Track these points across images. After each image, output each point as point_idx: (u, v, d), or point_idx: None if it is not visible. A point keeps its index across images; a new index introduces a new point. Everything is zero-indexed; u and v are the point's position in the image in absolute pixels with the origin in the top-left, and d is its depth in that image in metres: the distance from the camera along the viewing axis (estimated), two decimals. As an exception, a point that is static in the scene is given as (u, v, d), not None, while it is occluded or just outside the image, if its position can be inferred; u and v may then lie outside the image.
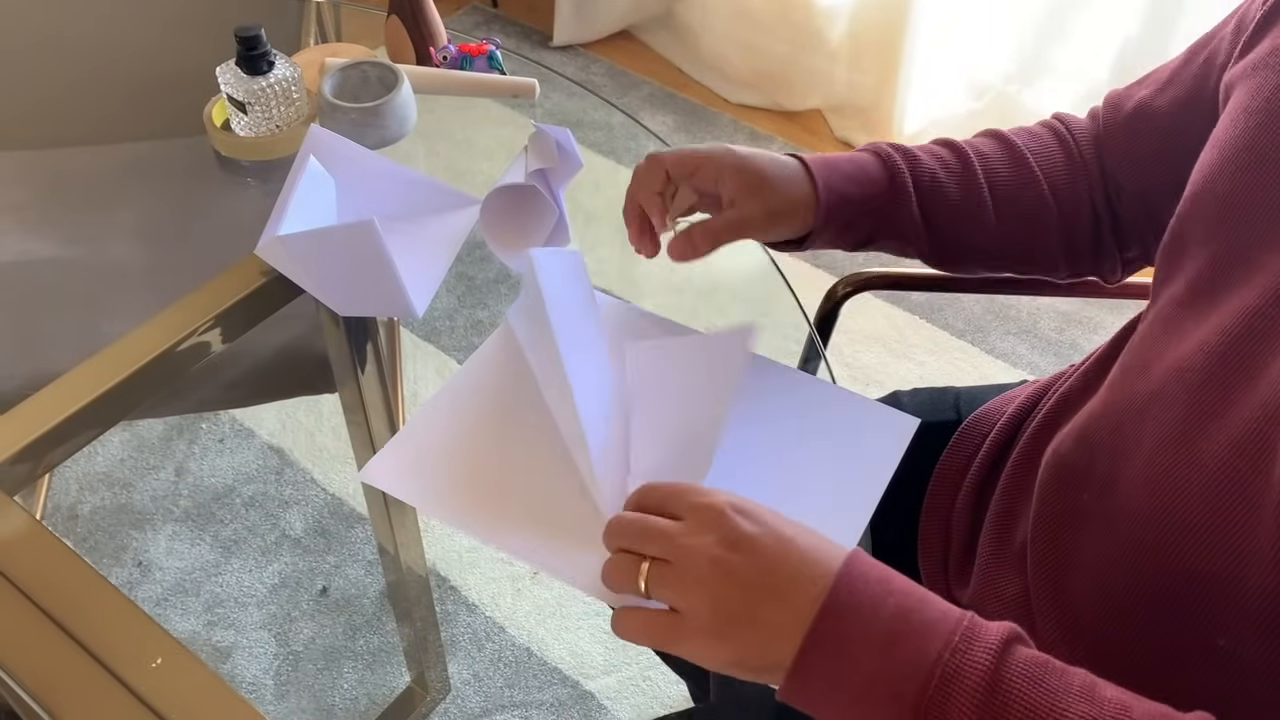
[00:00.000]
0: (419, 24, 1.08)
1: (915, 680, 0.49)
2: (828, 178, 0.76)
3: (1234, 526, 0.54)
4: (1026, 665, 0.49)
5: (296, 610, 1.44)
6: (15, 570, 0.64)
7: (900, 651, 0.49)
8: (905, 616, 0.50)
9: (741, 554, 0.53)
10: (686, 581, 0.53)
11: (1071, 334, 1.93)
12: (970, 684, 0.48)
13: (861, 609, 0.51)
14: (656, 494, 0.58)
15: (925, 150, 0.79)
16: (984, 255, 0.81)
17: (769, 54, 2.34)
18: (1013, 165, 0.79)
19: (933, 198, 0.77)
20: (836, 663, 0.50)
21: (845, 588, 0.51)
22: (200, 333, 0.83)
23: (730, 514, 0.54)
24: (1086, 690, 0.49)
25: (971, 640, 0.49)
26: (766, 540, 0.53)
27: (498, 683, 1.38)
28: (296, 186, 0.85)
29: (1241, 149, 0.60)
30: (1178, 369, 0.59)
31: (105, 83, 1.21)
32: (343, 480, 1.59)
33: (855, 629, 0.50)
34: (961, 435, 0.85)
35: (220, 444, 1.63)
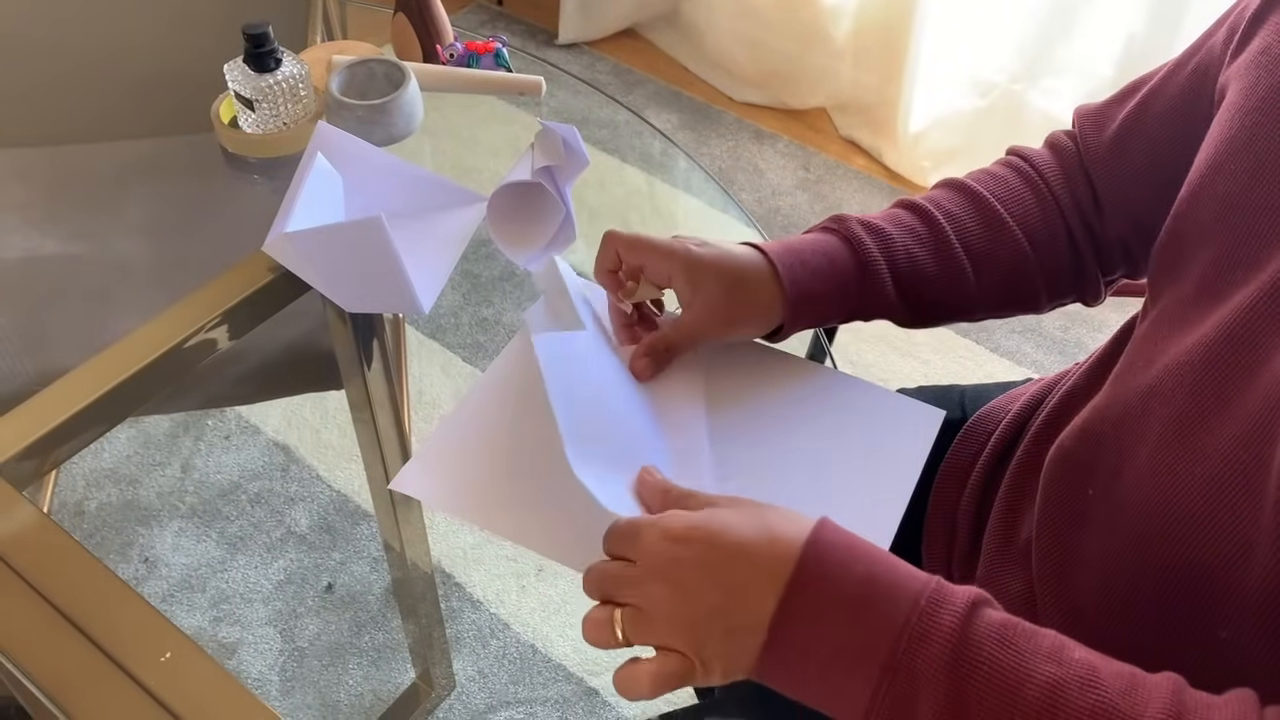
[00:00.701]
0: (426, 21, 1.08)
1: (884, 642, 0.50)
2: (795, 276, 0.72)
3: (1236, 519, 0.54)
4: (994, 626, 0.50)
5: (302, 606, 1.44)
6: (25, 565, 0.64)
7: (868, 615, 0.50)
8: (872, 581, 0.51)
9: (696, 584, 0.53)
10: (657, 623, 0.54)
11: (1076, 332, 1.92)
12: (938, 644, 0.49)
13: (828, 578, 0.52)
14: (610, 536, 0.58)
15: (894, 224, 0.76)
16: (966, 313, 0.79)
17: (774, 52, 2.34)
18: (983, 222, 0.76)
19: (911, 278, 0.75)
20: (806, 633, 0.51)
21: (811, 560, 0.52)
22: (207, 329, 0.83)
23: (675, 548, 0.54)
24: (1054, 651, 0.49)
25: (939, 603, 0.50)
26: (715, 560, 0.53)
27: (503, 679, 1.38)
28: (304, 183, 0.85)
29: (1239, 147, 0.60)
30: (1179, 364, 0.60)
31: (113, 80, 1.21)
32: (348, 477, 1.59)
33: (823, 599, 0.51)
34: (966, 433, 0.85)
35: (226, 440, 1.63)
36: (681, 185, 1.23)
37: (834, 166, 2.25)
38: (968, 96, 2.19)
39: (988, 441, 0.82)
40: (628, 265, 0.74)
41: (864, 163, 2.27)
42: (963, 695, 0.48)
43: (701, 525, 0.55)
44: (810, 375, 0.80)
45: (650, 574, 0.54)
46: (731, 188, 2.16)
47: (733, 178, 2.18)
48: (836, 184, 2.21)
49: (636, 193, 1.27)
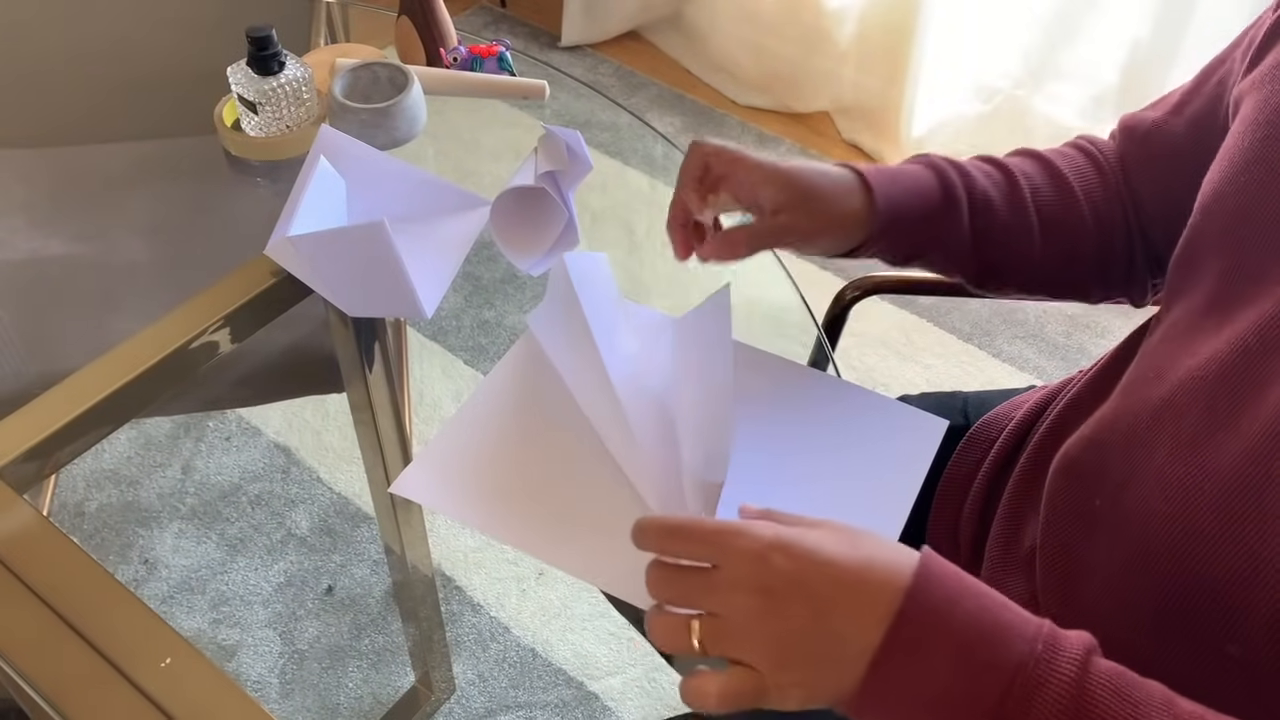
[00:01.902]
0: (429, 25, 1.08)
1: (995, 688, 0.47)
2: (886, 190, 0.74)
3: (1247, 534, 0.54)
4: (1108, 676, 0.48)
5: (302, 609, 1.44)
6: (25, 569, 0.64)
7: (979, 656, 0.48)
8: (981, 620, 0.49)
9: (788, 599, 0.50)
10: (740, 635, 0.51)
11: (1078, 338, 1.92)
12: (1054, 694, 0.47)
13: (938, 613, 0.49)
14: (687, 537, 0.53)
15: (975, 167, 0.78)
16: (1025, 276, 0.80)
17: (777, 55, 2.34)
18: (1055, 186, 0.78)
19: (985, 216, 0.76)
20: (910, 672, 0.48)
21: (920, 592, 0.49)
22: (209, 332, 0.83)
23: (769, 557, 0.51)
24: (1167, 703, 0.48)
25: (1054, 649, 0.48)
26: (810, 577, 0.50)
27: (502, 683, 1.38)
28: (306, 187, 0.85)
29: (1251, 161, 0.60)
30: (1191, 378, 0.59)
31: (116, 82, 1.21)
32: (349, 479, 1.59)
33: (931, 637, 0.48)
34: (969, 440, 0.85)
35: (227, 442, 1.63)
36: (684, 189, 1.22)
37: (836, 170, 2.25)
38: (971, 101, 2.19)
39: (990, 449, 0.82)
40: (713, 174, 0.74)
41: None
42: None
43: (797, 541, 0.51)
44: (812, 383, 0.80)
45: (739, 583, 0.51)
46: (734, 191, 2.15)
47: (735, 181, 2.18)
48: (839, 188, 2.21)
49: (639, 196, 1.26)
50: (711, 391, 0.71)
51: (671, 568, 0.54)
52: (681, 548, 0.54)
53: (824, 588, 0.50)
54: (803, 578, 0.50)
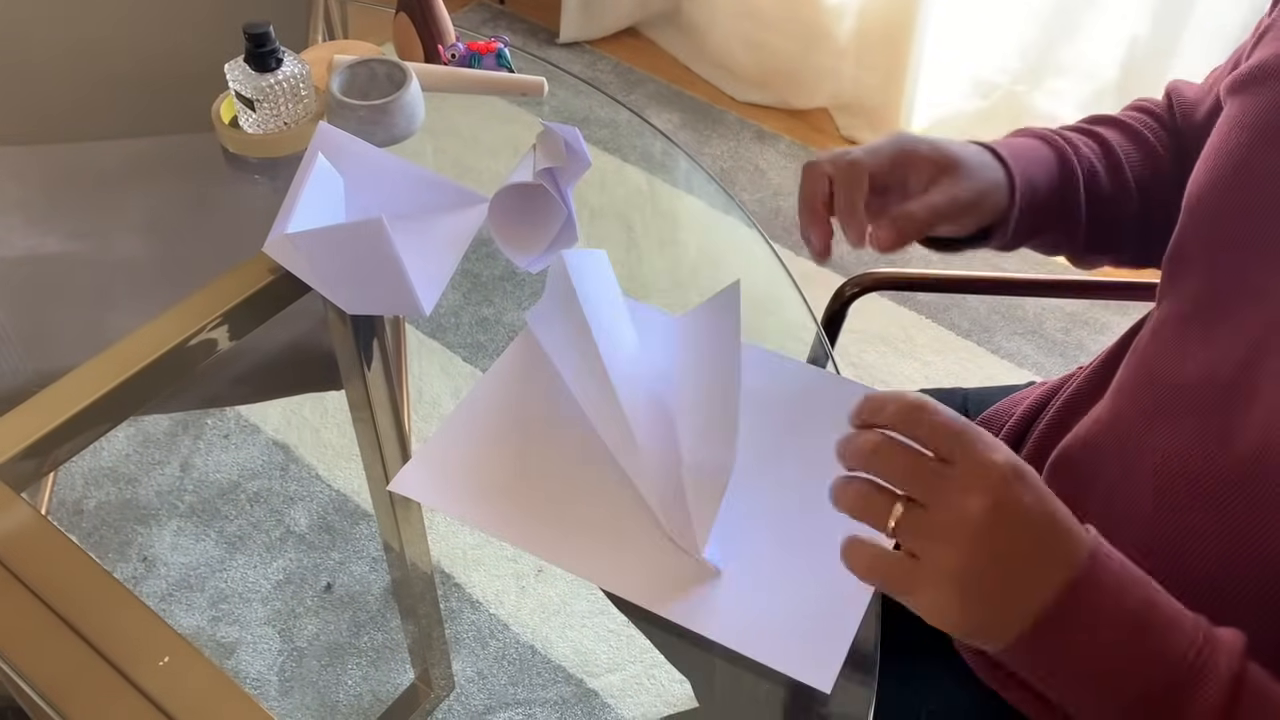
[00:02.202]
0: (427, 21, 1.07)
1: (1160, 672, 0.49)
2: (1021, 166, 0.73)
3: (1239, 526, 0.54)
4: (1259, 679, 0.50)
5: (301, 606, 1.44)
6: (22, 567, 0.64)
7: (1148, 641, 0.49)
8: (1154, 609, 0.50)
9: (1008, 525, 0.49)
10: (942, 535, 0.50)
11: (1078, 334, 1.92)
12: (1214, 687, 0.48)
13: (1114, 590, 0.50)
14: (922, 419, 0.51)
15: (1076, 137, 0.78)
16: (1131, 245, 0.80)
17: (776, 52, 2.34)
18: (1140, 150, 0.78)
19: (1093, 187, 0.76)
20: (1076, 637, 0.49)
21: (1100, 559, 0.50)
22: (208, 330, 0.83)
23: (1012, 480, 0.50)
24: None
25: (1214, 646, 0.50)
26: (1036, 515, 0.50)
27: (501, 680, 1.38)
28: (304, 184, 0.85)
29: (1234, 166, 0.60)
30: (1180, 387, 0.60)
31: (113, 78, 1.21)
32: (348, 477, 1.59)
33: (1106, 607, 0.49)
34: (968, 438, 0.85)
35: (225, 440, 1.63)
36: (683, 185, 1.22)
37: (835, 167, 2.25)
38: (970, 97, 2.19)
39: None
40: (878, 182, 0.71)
41: (865, 163, 2.26)
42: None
43: (1036, 479, 0.51)
44: (810, 379, 0.80)
45: (971, 487, 0.49)
46: (733, 188, 2.15)
47: (734, 178, 2.18)
48: (838, 185, 2.20)
49: (637, 193, 1.26)
50: (718, 388, 0.71)
51: (900, 444, 0.52)
52: (925, 432, 0.51)
53: (1041, 527, 0.50)
54: (1030, 513, 0.50)
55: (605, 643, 1.41)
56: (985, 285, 1.35)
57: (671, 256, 1.06)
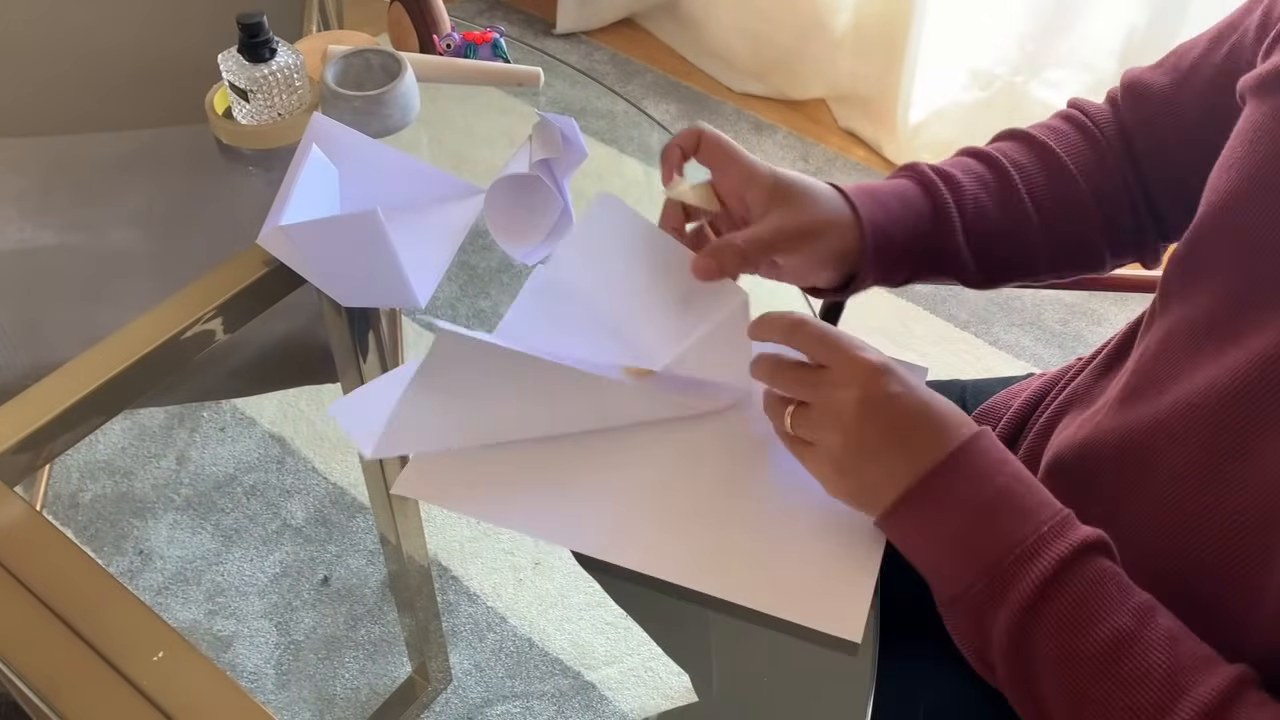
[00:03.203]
0: (423, 11, 1.07)
1: (996, 551, 0.55)
2: (870, 210, 0.71)
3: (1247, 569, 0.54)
4: (1097, 569, 0.54)
5: (298, 600, 1.43)
6: (16, 563, 0.64)
7: (994, 522, 0.56)
8: (1009, 494, 0.57)
9: (878, 409, 0.59)
10: (822, 424, 0.61)
11: (1075, 325, 1.92)
12: (1040, 567, 0.54)
13: (975, 474, 0.57)
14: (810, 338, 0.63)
15: (962, 170, 0.75)
16: (1029, 267, 0.78)
17: (773, 43, 2.33)
18: (1047, 169, 0.76)
19: (977, 224, 0.74)
20: (934, 511, 0.58)
21: (966, 451, 0.58)
22: (202, 322, 0.82)
23: (879, 374, 0.60)
24: (1141, 609, 0.53)
25: (1060, 532, 0.55)
26: (905, 401, 0.59)
27: (499, 673, 1.38)
28: (299, 175, 0.84)
29: (1262, 176, 0.58)
30: (1190, 403, 0.58)
31: (106, 69, 1.20)
32: (344, 469, 1.59)
33: (961, 489, 0.57)
34: (968, 429, 0.85)
35: (222, 433, 1.62)
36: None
37: (833, 158, 2.24)
38: (968, 88, 2.18)
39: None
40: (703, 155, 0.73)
41: (863, 154, 2.26)
42: (1037, 617, 0.53)
43: (902, 372, 0.61)
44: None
45: (844, 383, 0.60)
46: (730, 179, 2.14)
47: (731, 169, 2.17)
48: (836, 175, 2.20)
49: (635, 184, 1.26)
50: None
51: (786, 360, 0.65)
52: (802, 343, 0.64)
53: (909, 415, 0.60)
54: (898, 401, 0.60)
55: (603, 635, 1.41)
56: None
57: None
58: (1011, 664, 0.55)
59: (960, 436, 0.58)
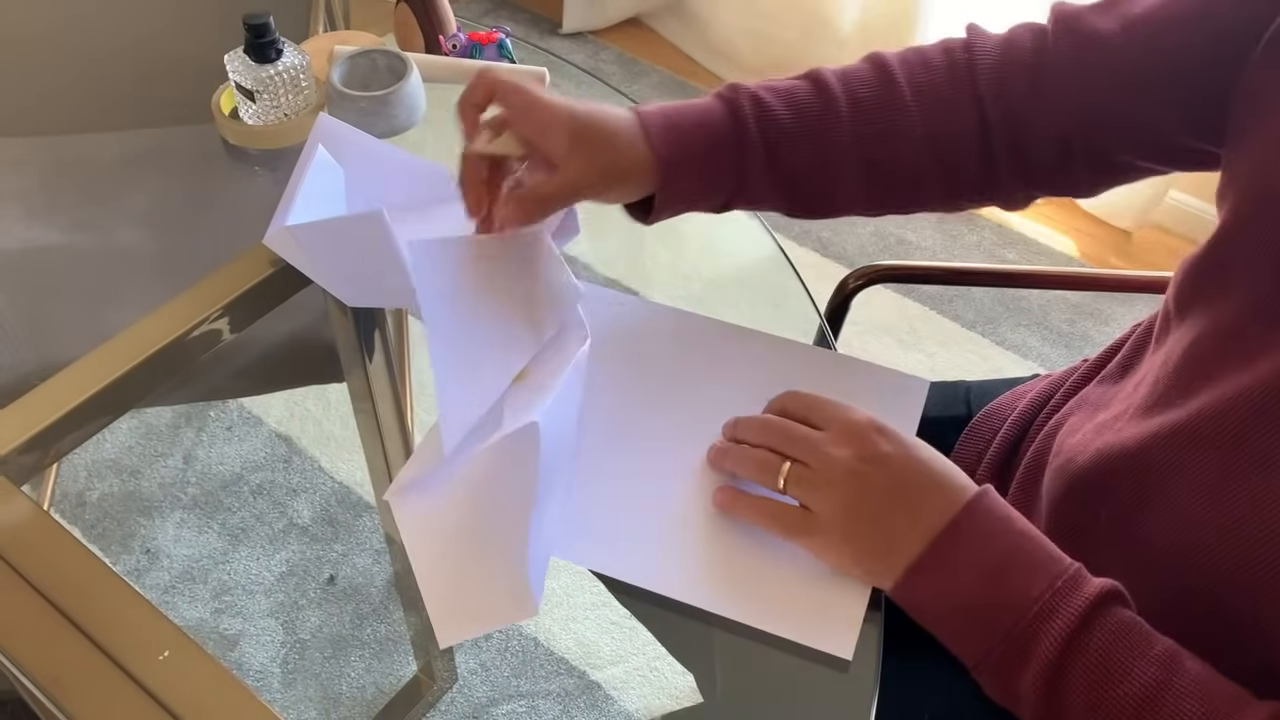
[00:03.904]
0: (428, 12, 1.07)
1: (1014, 611, 0.54)
2: (669, 150, 0.69)
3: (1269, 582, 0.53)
4: (1117, 620, 0.54)
5: (304, 598, 1.44)
6: (22, 561, 0.64)
7: (1007, 583, 0.55)
8: (1018, 553, 0.56)
9: (878, 469, 0.59)
10: (823, 484, 0.60)
11: (1082, 325, 1.91)
12: (1060, 623, 0.53)
13: (984, 535, 0.57)
14: (800, 402, 0.64)
15: (781, 92, 0.72)
16: (846, 202, 0.74)
17: (779, 42, 2.33)
18: (882, 102, 0.71)
19: (785, 156, 0.71)
20: (946, 578, 0.57)
21: (972, 513, 0.57)
22: (209, 322, 0.83)
23: (871, 433, 0.60)
24: (1167, 656, 0.52)
25: (1074, 586, 0.54)
26: (902, 460, 0.59)
27: (504, 672, 1.38)
28: (305, 176, 0.85)
29: None
30: (1220, 411, 0.57)
31: (113, 69, 1.20)
32: (350, 469, 1.59)
33: (972, 552, 0.56)
34: (970, 432, 0.84)
35: (228, 432, 1.63)
36: (686, 177, 1.22)
37: (839, 158, 2.24)
38: (974, 88, 2.18)
39: (993, 440, 0.81)
40: (502, 112, 0.70)
41: (869, 154, 2.26)
42: (1063, 674, 0.53)
43: (897, 431, 0.61)
44: (790, 352, 0.80)
45: (840, 443, 0.61)
46: (736, 179, 2.14)
47: (737, 169, 2.17)
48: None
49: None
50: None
51: (784, 420, 0.64)
52: (795, 408, 0.65)
53: (909, 476, 0.59)
54: (895, 461, 0.60)
55: (608, 635, 1.41)
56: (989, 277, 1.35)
57: (674, 247, 1.05)
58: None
59: (965, 496, 0.58)
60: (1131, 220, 2.07)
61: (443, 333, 0.70)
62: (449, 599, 0.66)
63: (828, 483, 0.60)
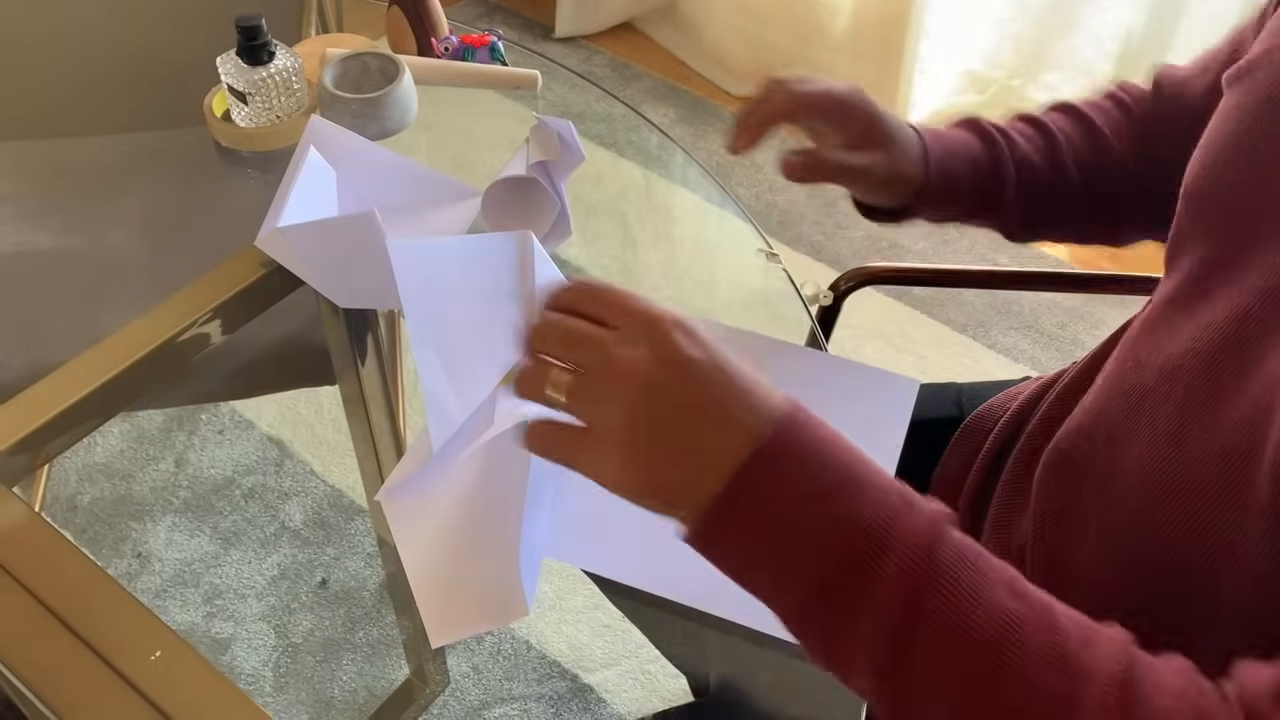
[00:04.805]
0: (421, 15, 1.07)
1: (847, 538, 0.46)
2: (939, 155, 0.78)
3: (1221, 525, 0.54)
4: (959, 545, 0.47)
5: (296, 602, 1.43)
6: (14, 563, 0.64)
7: (836, 506, 0.46)
8: (848, 471, 0.47)
9: (676, 374, 0.47)
10: (604, 395, 0.48)
11: (1074, 329, 1.92)
12: (902, 550, 0.45)
13: (804, 455, 0.47)
14: (590, 295, 0.51)
15: (1016, 129, 0.82)
16: (1064, 222, 0.85)
17: (771, 46, 2.33)
18: (1090, 140, 0.82)
19: (1028, 177, 0.81)
20: (765, 505, 0.46)
21: (790, 429, 0.47)
22: (200, 324, 0.83)
23: (672, 330, 0.48)
24: (1013, 582, 0.47)
25: (911, 508, 0.47)
26: (707, 366, 0.48)
27: (496, 675, 1.38)
28: (297, 178, 0.85)
29: (1234, 146, 0.60)
30: (1171, 367, 0.59)
31: (105, 72, 1.20)
32: (342, 472, 1.59)
33: (793, 474, 0.46)
34: (963, 433, 0.85)
35: (220, 435, 1.63)
36: (678, 180, 1.22)
37: (831, 162, 2.25)
38: (965, 92, 2.19)
39: (985, 442, 0.82)
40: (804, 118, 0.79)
41: (861, 158, 2.26)
42: (917, 606, 0.45)
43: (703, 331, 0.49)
44: (780, 352, 0.80)
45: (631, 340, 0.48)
46: (729, 182, 2.15)
47: (730, 172, 2.18)
48: (833, 179, 2.20)
49: (633, 188, 1.26)
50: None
51: (562, 318, 0.51)
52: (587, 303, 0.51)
53: (715, 378, 0.48)
54: (699, 360, 0.48)
55: (600, 638, 1.41)
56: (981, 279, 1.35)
57: (667, 251, 1.06)
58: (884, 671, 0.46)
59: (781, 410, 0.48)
60: (1122, 224, 2.08)
61: (426, 332, 0.70)
62: (441, 599, 0.66)
63: (608, 393, 0.48)
